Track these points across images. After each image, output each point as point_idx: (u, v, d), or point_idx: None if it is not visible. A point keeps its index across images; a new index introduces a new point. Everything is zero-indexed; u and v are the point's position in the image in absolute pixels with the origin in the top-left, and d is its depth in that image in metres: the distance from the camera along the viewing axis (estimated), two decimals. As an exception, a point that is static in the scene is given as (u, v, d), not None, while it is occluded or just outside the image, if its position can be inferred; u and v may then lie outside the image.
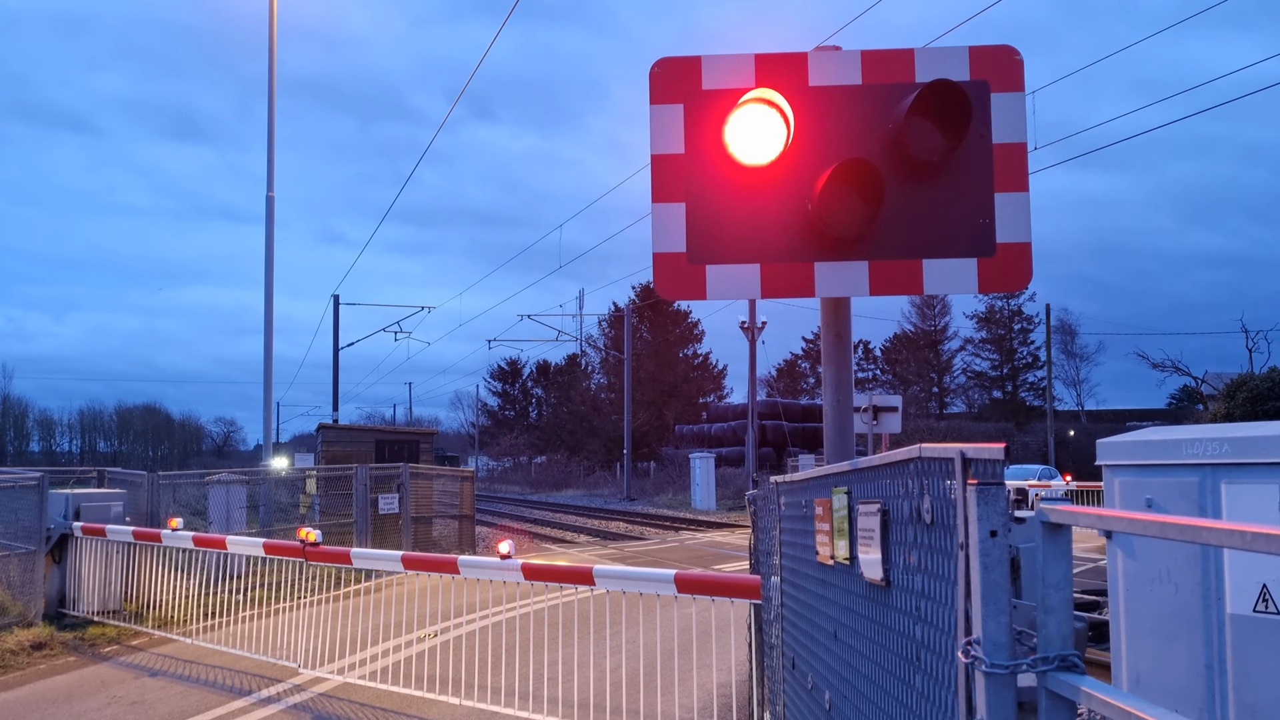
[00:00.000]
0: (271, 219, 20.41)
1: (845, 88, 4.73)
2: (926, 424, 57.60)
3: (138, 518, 14.21)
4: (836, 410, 5.02)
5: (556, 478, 70.47)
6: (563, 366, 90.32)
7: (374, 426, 42.68)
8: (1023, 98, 4.71)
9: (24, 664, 10.03)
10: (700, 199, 4.70)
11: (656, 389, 73.39)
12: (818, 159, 4.65)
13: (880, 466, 2.85)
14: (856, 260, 4.66)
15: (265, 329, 20.20)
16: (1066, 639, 1.90)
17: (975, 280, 4.64)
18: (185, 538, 10.98)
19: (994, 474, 2.05)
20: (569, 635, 9.82)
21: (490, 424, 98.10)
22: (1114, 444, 5.73)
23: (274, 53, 20.46)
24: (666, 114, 4.76)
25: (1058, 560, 1.94)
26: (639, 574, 7.56)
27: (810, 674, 4.12)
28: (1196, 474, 5.09)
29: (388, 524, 18.81)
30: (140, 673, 9.58)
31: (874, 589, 2.96)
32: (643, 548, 23.29)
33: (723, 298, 4.73)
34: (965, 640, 2.05)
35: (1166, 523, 1.48)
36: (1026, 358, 72.38)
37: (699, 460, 41.69)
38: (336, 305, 44.89)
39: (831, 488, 3.48)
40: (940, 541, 2.33)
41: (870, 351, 79.08)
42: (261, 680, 9.06)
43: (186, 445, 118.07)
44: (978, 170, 4.64)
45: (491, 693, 8.24)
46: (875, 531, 2.85)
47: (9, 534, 12.94)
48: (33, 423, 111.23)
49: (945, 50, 4.76)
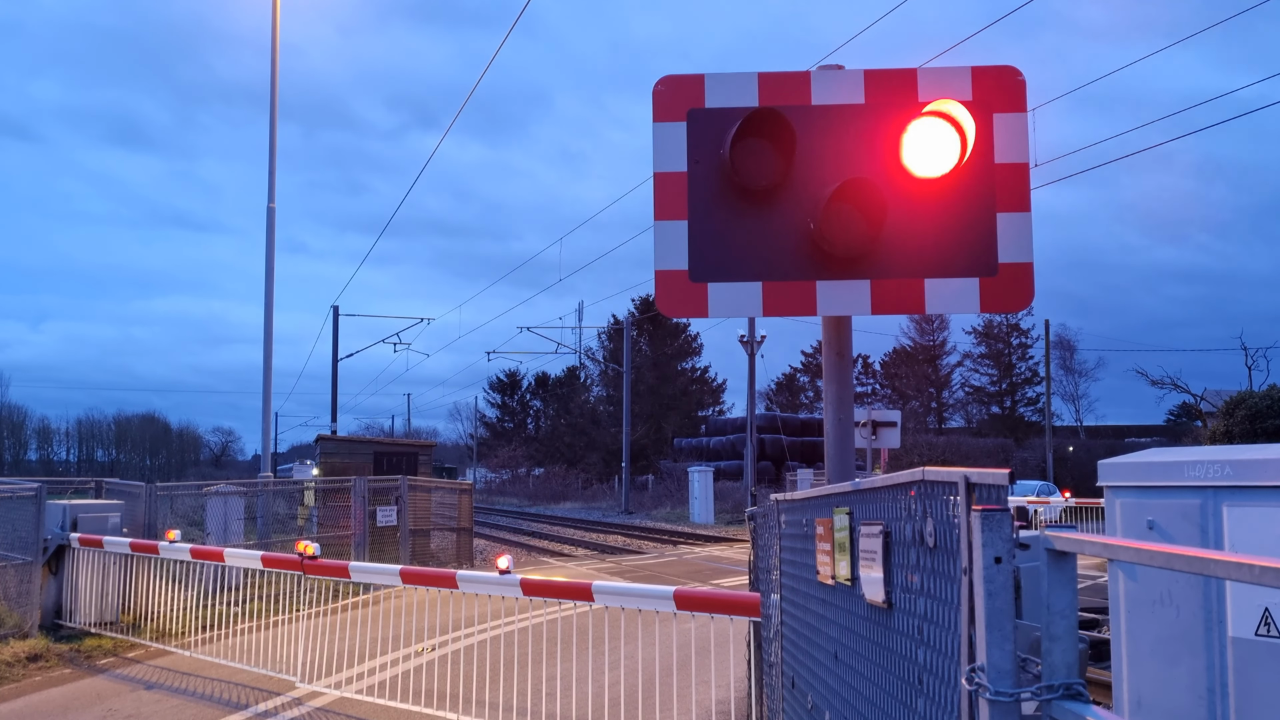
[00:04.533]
0: (272, 230, 20.41)
1: (848, 106, 4.75)
2: (925, 439, 57.49)
3: (135, 529, 14.16)
4: (838, 427, 5.01)
5: (554, 490, 70.31)
6: (561, 379, 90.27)
7: (372, 438, 42.62)
8: (1025, 118, 4.72)
9: (19, 676, 9.98)
10: (702, 217, 4.71)
11: (655, 402, 73.36)
12: (820, 178, 4.66)
13: (883, 488, 2.85)
14: (858, 279, 4.66)
15: (265, 339, 20.18)
16: (1071, 667, 1.90)
17: (977, 300, 4.64)
18: (183, 549, 10.94)
19: (998, 499, 2.05)
20: (567, 650, 9.78)
21: (488, 436, 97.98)
22: (1116, 465, 5.72)
23: (275, 57, 20.52)
24: (669, 132, 4.77)
25: (1063, 587, 1.93)
26: (638, 590, 7.54)
27: (810, 693, 4.10)
28: (1198, 496, 5.08)
29: (386, 536, 18.76)
30: (137, 685, 9.54)
31: (875, 610, 2.95)
32: (641, 562, 23.23)
33: (724, 316, 4.74)
34: (969, 666, 2.05)
35: (1174, 554, 1.48)
36: (1025, 373, 72.40)
37: (697, 474, 41.62)
38: (336, 316, 44.88)
39: (833, 507, 3.47)
40: (943, 565, 2.32)
41: (869, 366, 79.07)
42: (259, 694, 9.02)
43: (184, 455, 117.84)
44: (980, 190, 4.65)
45: (490, 708, 8.21)
46: (877, 553, 2.85)
47: (6, 544, 12.90)
48: (30, 431, 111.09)
49: (948, 70, 4.77)
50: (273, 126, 20.63)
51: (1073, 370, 70.45)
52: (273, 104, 20.61)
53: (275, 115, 20.64)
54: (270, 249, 20.37)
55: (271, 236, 20.43)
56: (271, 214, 20.39)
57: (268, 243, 20.39)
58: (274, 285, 20.29)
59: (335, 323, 44.73)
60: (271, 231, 20.42)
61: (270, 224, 20.38)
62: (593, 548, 28.65)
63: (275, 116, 20.65)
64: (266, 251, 20.33)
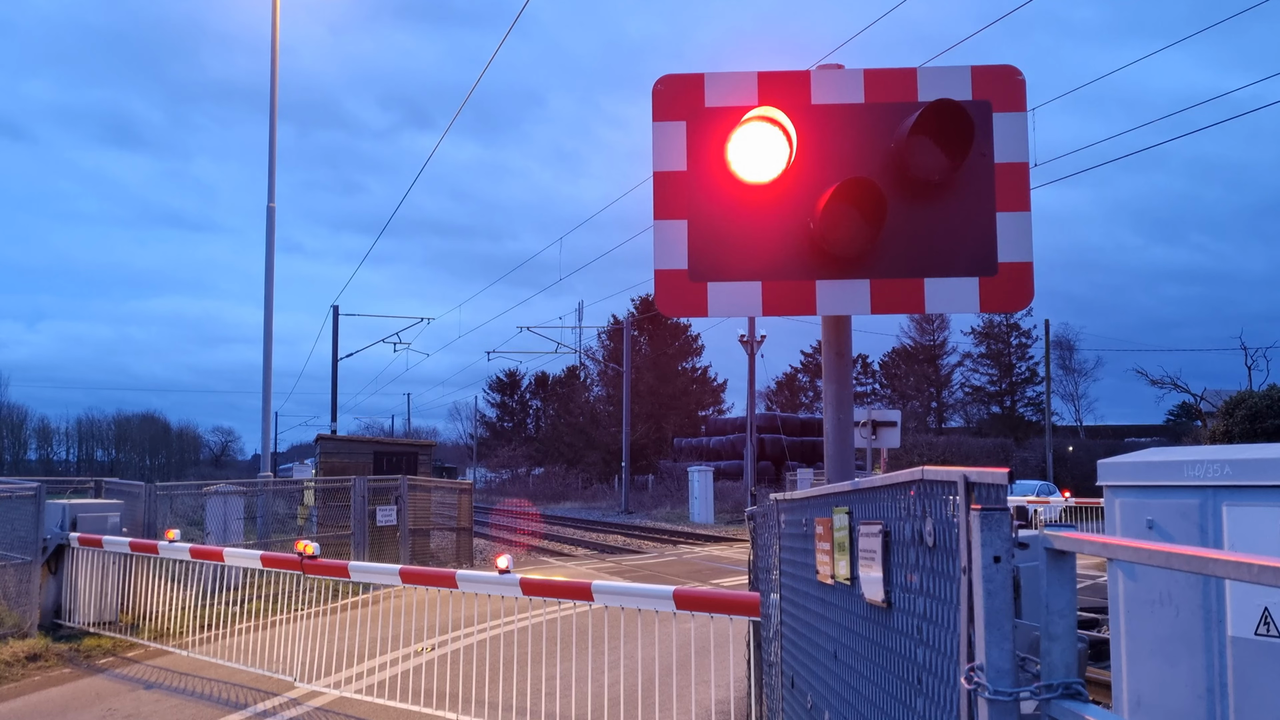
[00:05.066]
0: (272, 230, 20.42)
1: (848, 106, 4.75)
2: (925, 439, 57.51)
3: (135, 528, 14.17)
4: (837, 427, 5.01)
5: (554, 490, 70.31)
6: (561, 378, 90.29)
7: (372, 438, 42.61)
8: (1024, 118, 4.72)
9: (19, 675, 9.98)
10: (702, 216, 4.70)
11: (655, 402, 73.37)
12: (820, 177, 4.66)
13: (882, 487, 2.85)
14: (858, 279, 4.66)
15: (265, 338, 20.19)
16: (1070, 667, 1.89)
17: (977, 300, 4.64)
18: (182, 549, 10.94)
19: (997, 499, 2.04)
20: (567, 650, 9.78)
21: (488, 436, 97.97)
22: (1115, 464, 5.72)
23: (275, 58, 20.52)
24: (669, 131, 4.77)
25: (1062, 587, 1.93)
26: (638, 590, 7.53)
27: (809, 693, 4.10)
28: (1198, 495, 5.08)
29: (386, 536, 18.76)
30: (136, 685, 9.53)
31: (875, 610, 2.95)
32: (641, 561, 23.23)
33: (724, 315, 4.73)
34: (968, 666, 2.05)
35: (1173, 553, 1.48)
36: (1025, 373, 72.42)
37: (697, 474, 41.62)
38: (336, 316, 44.88)
39: (832, 507, 3.47)
40: (942, 565, 2.32)
41: (869, 366, 79.11)
42: (258, 694, 9.02)
43: (184, 455, 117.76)
44: (980, 189, 4.65)
45: (489, 708, 8.20)
46: (876, 552, 2.84)
47: (5, 544, 12.90)
48: (30, 431, 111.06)
49: (948, 70, 4.77)
50: (272, 127, 20.64)
51: (1072, 370, 70.49)
52: (272, 104, 20.62)
53: (275, 115, 20.65)
54: (270, 248, 20.37)
55: (271, 236, 20.43)
56: (271, 214, 20.39)
57: (268, 242, 20.39)
58: (274, 285, 20.31)
59: (335, 322, 44.74)
60: (271, 231, 20.43)
61: (270, 224, 20.39)
62: (593, 547, 28.65)
63: (275, 117, 20.66)
64: (266, 251, 20.34)
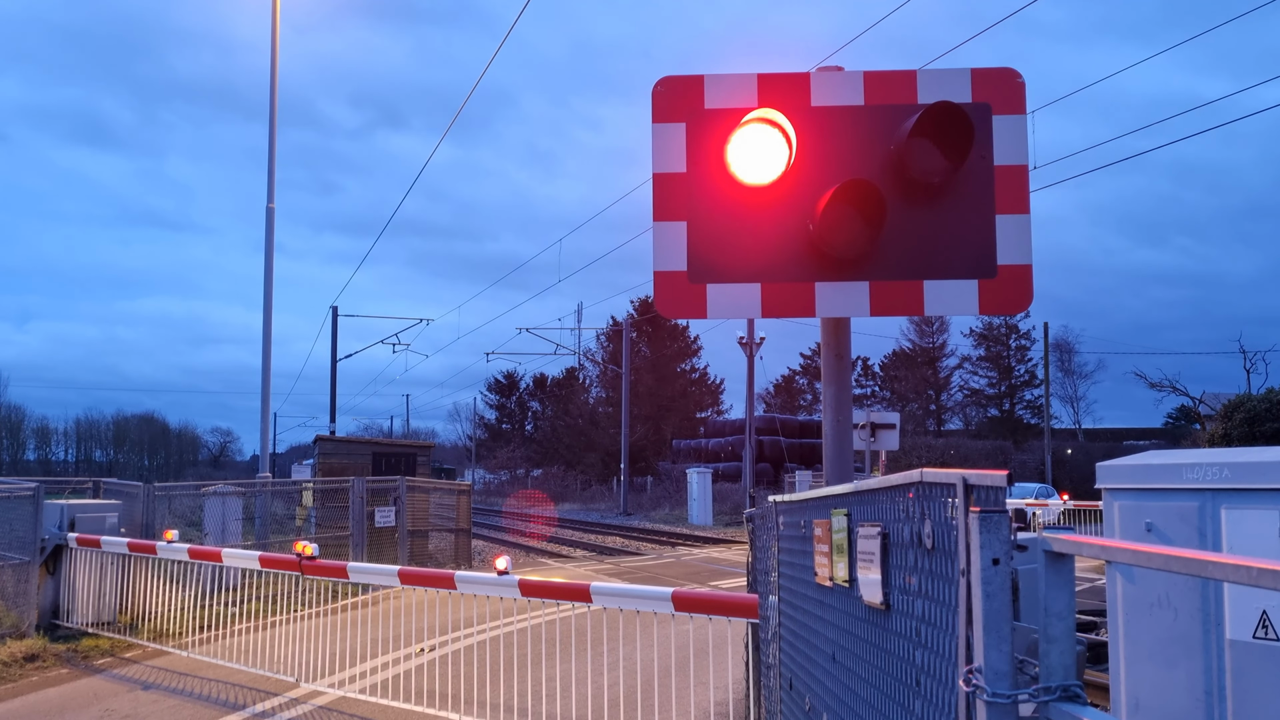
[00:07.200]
0: (271, 230, 20.42)
1: (847, 108, 4.75)
2: (924, 441, 57.48)
3: (133, 529, 14.16)
4: (836, 429, 5.01)
5: (553, 491, 70.29)
6: (560, 380, 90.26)
7: (371, 439, 42.60)
8: (1024, 120, 4.73)
9: (16, 676, 9.97)
10: (702, 218, 4.70)
11: (654, 403, 73.36)
12: (820, 179, 4.66)
13: (881, 489, 2.85)
14: (857, 281, 4.66)
15: (264, 338, 20.18)
16: (1069, 669, 1.89)
17: (976, 302, 4.64)
18: (180, 549, 10.93)
19: (996, 501, 2.04)
20: (566, 651, 9.77)
21: (487, 437, 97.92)
22: (1114, 467, 5.72)
23: (275, 58, 20.53)
24: (668, 133, 4.77)
25: (1060, 589, 1.93)
26: (637, 591, 7.53)
27: (808, 695, 4.10)
28: (1196, 499, 5.08)
29: (384, 537, 18.74)
30: (134, 686, 9.53)
31: (873, 612, 2.95)
32: (639, 563, 23.22)
33: (723, 317, 4.74)
34: (966, 668, 2.05)
35: (1172, 556, 1.48)
36: (1024, 375, 72.44)
37: (696, 475, 41.61)
38: (335, 317, 44.88)
39: (831, 509, 3.47)
40: (941, 567, 2.32)
41: (869, 368, 79.10)
42: (257, 694, 9.01)
43: (183, 455, 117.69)
44: (979, 192, 4.65)
45: (488, 708, 8.20)
46: (875, 554, 2.84)
47: (3, 544, 12.88)
48: (28, 431, 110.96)
49: (947, 72, 4.78)
50: (272, 127, 20.65)
51: (1071, 373, 70.55)
52: (272, 105, 20.63)
53: (275, 115, 20.66)
54: (269, 248, 20.39)
55: (271, 237, 20.44)
56: (271, 214, 20.40)
57: (267, 243, 20.40)
58: (273, 285, 20.31)
59: (334, 323, 44.73)
60: (271, 232, 20.44)
61: (269, 224, 20.39)
62: (591, 549, 28.64)
63: (275, 117, 20.67)
64: (266, 252, 20.35)
